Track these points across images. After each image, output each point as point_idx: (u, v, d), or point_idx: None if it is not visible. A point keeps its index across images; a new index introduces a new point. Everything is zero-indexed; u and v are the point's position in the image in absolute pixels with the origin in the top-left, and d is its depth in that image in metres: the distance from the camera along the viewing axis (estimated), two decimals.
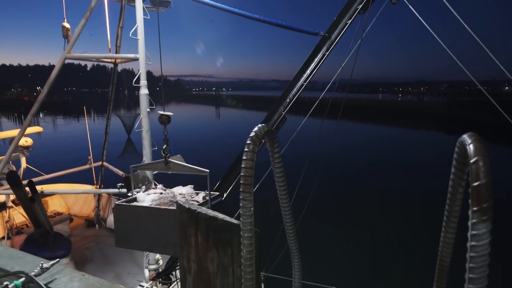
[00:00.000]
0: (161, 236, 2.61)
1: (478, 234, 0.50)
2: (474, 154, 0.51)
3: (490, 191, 0.50)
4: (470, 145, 0.53)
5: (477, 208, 0.50)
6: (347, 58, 4.03)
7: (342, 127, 33.55)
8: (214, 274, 1.01)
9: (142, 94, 4.52)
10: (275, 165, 0.90)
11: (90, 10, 4.36)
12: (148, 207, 2.59)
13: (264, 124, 0.77)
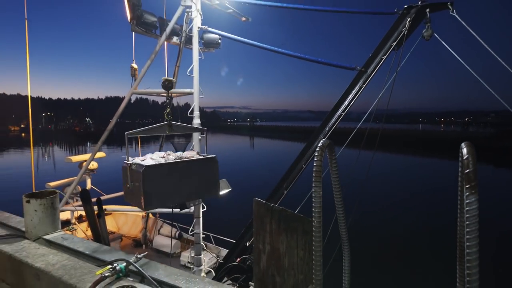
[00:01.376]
0: (188, 187, 3.11)
1: (470, 202, 0.82)
2: (466, 153, 0.84)
3: (475, 175, 0.82)
4: (463, 149, 0.86)
5: (468, 186, 0.82)
6: (383, 91, 4.33)
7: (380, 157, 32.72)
8: (283, 254, 1.35)
9: (195, 123, 5.10)
10: (332, 170, 1.25)
11: (155, 53, 5.12)
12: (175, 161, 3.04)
13: (325, 139, 1.13)
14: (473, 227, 0.82)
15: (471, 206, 0.82)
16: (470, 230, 0.82)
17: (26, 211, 2.55)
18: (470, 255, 0.81)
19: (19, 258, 2.16)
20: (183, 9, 5.04)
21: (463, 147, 0.87)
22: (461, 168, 0.89)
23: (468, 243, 0.82)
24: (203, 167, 3.31)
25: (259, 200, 1.39)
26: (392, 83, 4.59)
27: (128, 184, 2.92)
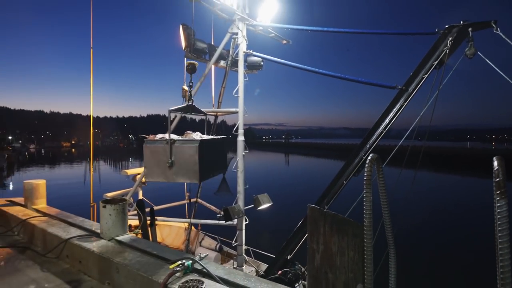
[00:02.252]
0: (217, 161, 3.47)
1: (500, 205, 0.99)
2: (496, 165, 1.02)
3: (504, 183, 1.00)
4: (495, 162, 1.04)
5: (498, 192, 1.00)
6: (425, 109, 4.38)
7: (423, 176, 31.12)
8: (335, 254, 1.55)
9: (239, 140, 5.45)
10: (380, 181, 1.45)
11: (204, 76, 5.61)
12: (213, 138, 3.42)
13: (373, 154, 1.35)
14: (504, 226, 0.99)
15: (502, 209, 1.00)
16: (501, 229, 0.99)
17: (102, 215, 2.96)
18: (502, 249, 0.98)
19: (100, 254, 2.54)
20: (230, 36, 5.51)
21: (495, 160, 1.06)
22: (494, 178, 1.07)
23: (500, 240, 0.99)
24: (221, 145, 3.68)
25: (313, 206, 1.61)
26: (434, 101, 4.62)
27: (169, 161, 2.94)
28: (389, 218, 1.52)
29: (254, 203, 5.60)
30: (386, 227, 1.54)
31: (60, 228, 3.21)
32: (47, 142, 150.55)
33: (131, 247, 2.68)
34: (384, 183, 1.45)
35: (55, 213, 3.87)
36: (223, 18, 5.41)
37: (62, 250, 2.91)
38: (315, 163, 56.43)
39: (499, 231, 1.01)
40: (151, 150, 3.05)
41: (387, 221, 1.52)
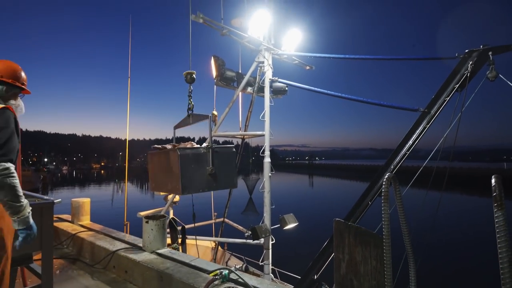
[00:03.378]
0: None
1: (497, 216, 1.19)
2: (494, 182, 1.23)
3: (501, 197, 1.20)
4: (492, 179, 1.24)
5: (496, 204, 1.19)
6: (448, 131, 4.47)
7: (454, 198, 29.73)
8: (359, 262, 1.74)
9: (265, 162, 5.72)
10: (397, 198, 1.65)
11: (232, 102, 6.01)
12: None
13: (389, 173, 1.57)
14: (502, 233, 1.18)
15: (499, 219, 1.20)
16: (499, 236, 1.19)
17: (144, 230, 3.28)
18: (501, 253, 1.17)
19: (145, 264, 2.83)
20: (257, 64, 5.92)
21: (493, 178, 1.26)
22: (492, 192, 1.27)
23: (499, 245, 1.18)
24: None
25: (339, 219, 1.83)
26: (458, 123, 4.70)
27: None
28: (407, 231, 1.71)
29: (280, 223, 5.76)
30: (405, 239, 1.73)
31: (106, 242, 3.56)
32: (78, 164, 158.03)
33: (171, 259, 2.96)
34: (401, 200, 1.65)
35: (99, 229, 4.25)
36: (250, 49, 5.85)
37: (109, 261, 3.24)
38: (340, 185, 55.30)
39: (498, 237, 1.20)
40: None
41: (406, 234, 1.71)
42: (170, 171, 2.90)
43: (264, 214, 5.66)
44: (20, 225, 1.80)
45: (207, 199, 10.01)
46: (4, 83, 2.04)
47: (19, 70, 2.15)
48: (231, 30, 5.23)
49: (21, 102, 2.19)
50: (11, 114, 1.92)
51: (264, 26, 5.60)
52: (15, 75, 2.10)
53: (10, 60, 2.13)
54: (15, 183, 1.77)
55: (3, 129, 1.81)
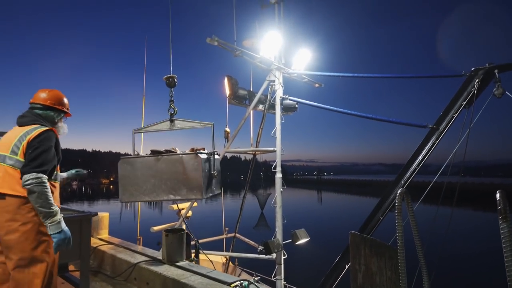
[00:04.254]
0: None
1: (502, 227, 1.31)
2: (498, 197, 1.35)
3: (505, 210, 1.33)
4: (497, 194, 1.37)
5: (500, 217, 1.32)
6: (457, 147, 4.56)
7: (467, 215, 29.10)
8: (375, 273, 1.85)
9: (277, 177, 5.85)
10: (410, 215, 1.78)
11: (244, 119, 6.21)
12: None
13: (402, 188, 1.70)
14: (508, 243, 1.30)
15: (504, 230, 1.32)
16: (505, 246, 1.31)
17: (164, 243, 3.42)
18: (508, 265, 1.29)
19: (167, 276, 2.95)
20: (268, 83, 6.14)
21: (497, 192, 1.39)
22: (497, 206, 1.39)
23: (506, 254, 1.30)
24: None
25: (355, 232, 1.95)
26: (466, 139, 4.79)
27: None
28: (420, 243, 1.82)
29: (292, 238, 5.82)
30: (418, 251, 1.84)
31: (127, 255, 3.70)
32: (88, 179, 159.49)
33: (191, 271, 3.08)
34: (413, 214, 1.78)
35: (118, 242, 4.40)
36: (262, 68, 6.09)
37: (130, 273, 3.37)
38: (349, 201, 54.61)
39: (504, 248, 1.32)
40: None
41: (419, 247, 1.82)
42: (180, 176, 3.08)
43: (276, 229, 5.74)
44: (53, 229, 2.00)
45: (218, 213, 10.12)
46: (53, 109, 2.41)
47: (64, 97, 2.52)
48: (243, 51, 5.48)
49: (65, 124, 2.54)
50: (53, 134, 2.24)
51: (275, 47, 5.84)
52: (62, 102, 2.47)
53: (57, 89, 2.50)
54: (45, 191, 1.99)
55: (41, 146, 2.09)
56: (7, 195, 2.02)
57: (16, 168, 2.07)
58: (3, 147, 2.15)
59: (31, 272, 2.00)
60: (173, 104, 3.45)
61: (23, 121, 2.25)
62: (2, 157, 2.11)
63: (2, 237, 2.03)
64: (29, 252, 2.02)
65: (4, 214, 2.01)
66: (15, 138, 2.13)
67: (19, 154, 2.09)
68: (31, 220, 2.05)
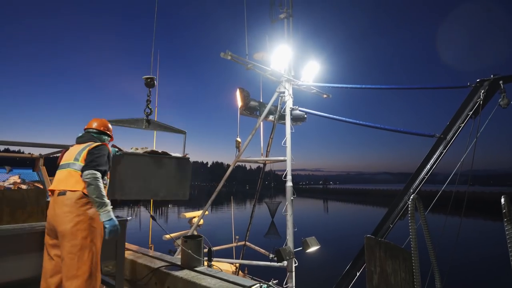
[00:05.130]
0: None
1: (508, 229, 1.46)
2: (503, 202, 1.50)
3: (510, 213, 1.48)
4: (502, 199, 1.52)
5: (505, 219, 1.47)
6: (464, 156, 4.66)
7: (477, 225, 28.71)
8: (390, 274, 1.98)
9: (288, 186, 5.99)
10: (422, 219, 1.92)
11: (255, 130, 6.40)
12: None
13: (414, 195, 1.85)
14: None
15: (509, 231, 1.46)
16: (510, 246, 1.45)
17: (183, 248, 3.57)
18: None
19: (188, 279, 3.10)
20: (278, 94, 6.35)
21: (502, 197, 1.54)
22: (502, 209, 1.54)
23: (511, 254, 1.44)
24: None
25: (370, 236, 2.09)
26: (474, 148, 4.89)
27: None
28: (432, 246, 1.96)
29: (302, 246, 5.92)
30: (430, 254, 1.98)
31: (146, 260, 3.85)
32: None
33: (210, 275, 3.22)
34: (425, 218, 1.92)
35: (135, 249, 4.55)
36: (272, 80, 6.31)
37: (151, 278, 3.51)
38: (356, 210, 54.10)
39: (509, 248, 1.46)
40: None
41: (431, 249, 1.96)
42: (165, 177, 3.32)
43: (287, 237, 5.85)
44: (105, 217, 2.45)
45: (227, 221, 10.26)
46: (104, 133, 3.08)
47: (110, 124, 3.20)
48: (255, 64, 5.71)
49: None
50: (107, 147, 2.83)
51: (285, 60, 6.07)
52: (109, 129, 3.17)
53: (105, 119, 3.19)
54: (100, 185, 2.48)
55: (98, 153, 2.65)
56: (67, 191, 2.47)
57: (77, 171, 2.56)
58: (68, 158, 2.69)
59: (80, 258, 2.35)
60: (150, 105, 3.62)
61: (82, 140, 2.84)
62: (66, 164, 2.65)
63: (60, 226, 2.38)
64: (79, 240, 2.37)
65: (63, 207, 2.41)
66: (77, 151, 2.69)
67: (80, 160, 2.61)
68: (83, 213, 2.46)
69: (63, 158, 2.78)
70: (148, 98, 3.63)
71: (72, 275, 2.30)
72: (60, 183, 2.55)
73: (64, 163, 2.70)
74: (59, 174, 2.66)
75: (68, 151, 2.83)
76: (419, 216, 2.01)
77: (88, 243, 2.43)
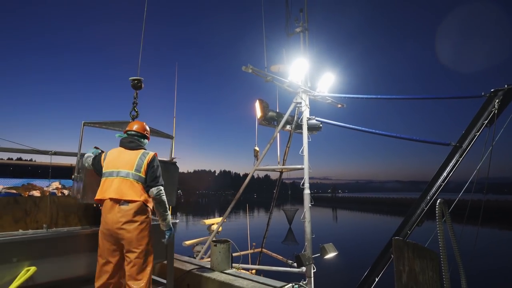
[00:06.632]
0: None
1: None
2: None
3: None
4: None
5: None
6: (480, 164, 4.79)
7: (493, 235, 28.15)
8: (418, 273, 2.16)
9: (305, 193, 6.17)
10: (448, 223, 2.10)
11: (273, 139, 6.63)
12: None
13: (441, 199, 2.04)
14: None
15: None
16: None
17: (212, 252, 3.78)
18: None
19: (221, 280, 3.30)
20: (295, 105, 6.58)
21: None
22: None
23: None
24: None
25: (398, 238, 2.28)
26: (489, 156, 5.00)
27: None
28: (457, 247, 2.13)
29: (320, 252, 6.06)
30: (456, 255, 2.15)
31: (178, 263, 4.06)
32: None
33: (241, 277, 3.41)
34: (450, 221, 2.11)
35: None
36: (289, 91, 6.55)
37: (183, 279, 3.72)
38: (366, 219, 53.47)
39: None
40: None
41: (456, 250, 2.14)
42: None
43: (305, 243, 6.00)
44: (167, 227, 2.86)
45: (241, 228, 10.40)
46: (145, 136, 3.20)
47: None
48: (274, 77, 5.97)
49: None
50: (156, 157, 3.00)
51: (302, 72, 6.32)
52: (149, 131, 3.26)
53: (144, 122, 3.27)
54: (165, 200, 2.83)
55: (157, 166, 2.91)
56: (131, 202, 2.68)
57: (138, 182, 2.76)
58: (127, 165, 2.81)
59: (146, 260, 2.68)
60: (136, 107, 3.58)
61: (133, 146, 2.97)
62: (126, 172, 2.77)
63: (126, 234, 2.61)
64: (144, 245, 2.67)
65: (128, 216, 2.65)
66: (135, 159, 2.84)
67: (142, 172, 2.80)
68: (145, 221, 2.72)
69: (114, 162, 2.81)
70: (134, 100, 3.57)
71: (139, 276, 2.60)
72: (124, 193, 2.68)
73: (122, 170, 2.77)
74: (119, 182, 2.72)
75: (118, 156, 2.87)
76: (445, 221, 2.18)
77: (150, 248, 2.72)
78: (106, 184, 2.75)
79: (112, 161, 2.84)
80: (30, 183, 3.79)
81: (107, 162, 2.86)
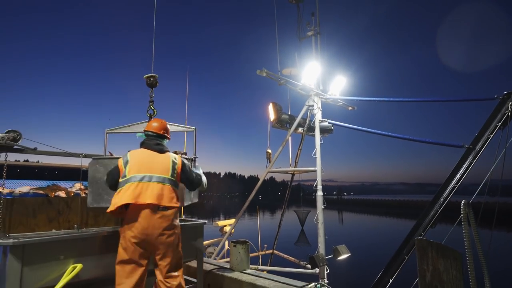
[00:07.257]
0: None
1: None
2: None
3: None
4: None
5: None
6: (493, 167, 4.81)
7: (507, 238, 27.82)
8: (442, 272, 2.22)
9: (318, 195, 6.23)
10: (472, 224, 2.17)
11: (285, 141, 6.72)
12: None
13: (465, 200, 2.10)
14: None
15: None
16: None
17: (232, 253, 3.87)
18: None
19: (243, 280, 3.39)
20: (307, 107, 6.66)
21: None
22: None
23: None
24: None
25: (421, 238, 2.35)
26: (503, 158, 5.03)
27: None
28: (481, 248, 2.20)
29: (333, 253, 6.11)
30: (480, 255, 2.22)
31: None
32: None
33: (261, 277, 3.49)
34: (474, 221, 2.18)
35: None
36: (302, 94, 6.64)
37: (204, 279, 3.81)
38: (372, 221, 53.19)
39: None
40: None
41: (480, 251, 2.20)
42: None
43: (318, 245, 6.06)
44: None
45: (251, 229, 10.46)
46: (167, 137, 3.20)
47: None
48: (288, 80, 6.06)
49: None
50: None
51: (314, 75, 6.40)
52: (169, 130, 3.25)
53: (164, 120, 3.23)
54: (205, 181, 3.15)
55: (188, 166, 3.05)
56: (169, 208, 2.71)
57: (174, 187, 2.82)
58: (162, 169, 2.80)
59: (180, 261, 2.81)
60: (152, 105, 3.46)
61: (161, 149, 2.95)
62: (162, 178, 2.76)
63: (165, 238, 2.66)
64: (179, 248, 2.80)
65: (167, 222, 2.70)
66: (169, 164, 2.86)
67: (176, 177, 2.87)
68: (178, 225, 2.81)
69: (146, 166, 2.75)
70: (150, 98, 3.46)
71: (175, 274, 2.73)
72: (162, 199, 2.68)
73: (157, 175, 2.74)
74: (157, 187, 2.68)
75: (149, 159, 2.82)
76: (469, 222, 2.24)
77: (181, 251, 2.85)
78: (139, 188, 2.63)
79: (144, 164, 2.76)
80: (55, 184, 3.93)
81: (133, 165, 2.73)
